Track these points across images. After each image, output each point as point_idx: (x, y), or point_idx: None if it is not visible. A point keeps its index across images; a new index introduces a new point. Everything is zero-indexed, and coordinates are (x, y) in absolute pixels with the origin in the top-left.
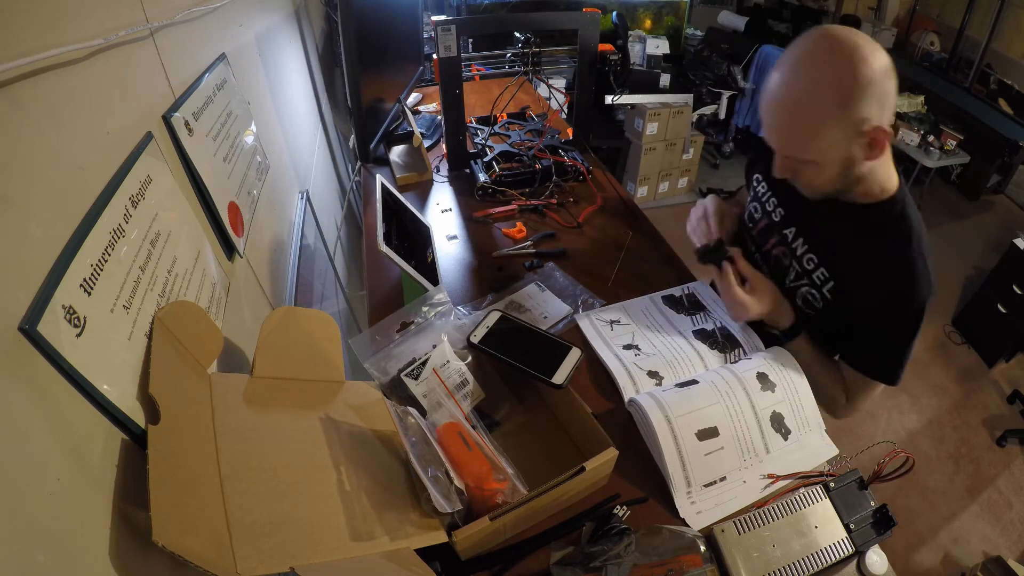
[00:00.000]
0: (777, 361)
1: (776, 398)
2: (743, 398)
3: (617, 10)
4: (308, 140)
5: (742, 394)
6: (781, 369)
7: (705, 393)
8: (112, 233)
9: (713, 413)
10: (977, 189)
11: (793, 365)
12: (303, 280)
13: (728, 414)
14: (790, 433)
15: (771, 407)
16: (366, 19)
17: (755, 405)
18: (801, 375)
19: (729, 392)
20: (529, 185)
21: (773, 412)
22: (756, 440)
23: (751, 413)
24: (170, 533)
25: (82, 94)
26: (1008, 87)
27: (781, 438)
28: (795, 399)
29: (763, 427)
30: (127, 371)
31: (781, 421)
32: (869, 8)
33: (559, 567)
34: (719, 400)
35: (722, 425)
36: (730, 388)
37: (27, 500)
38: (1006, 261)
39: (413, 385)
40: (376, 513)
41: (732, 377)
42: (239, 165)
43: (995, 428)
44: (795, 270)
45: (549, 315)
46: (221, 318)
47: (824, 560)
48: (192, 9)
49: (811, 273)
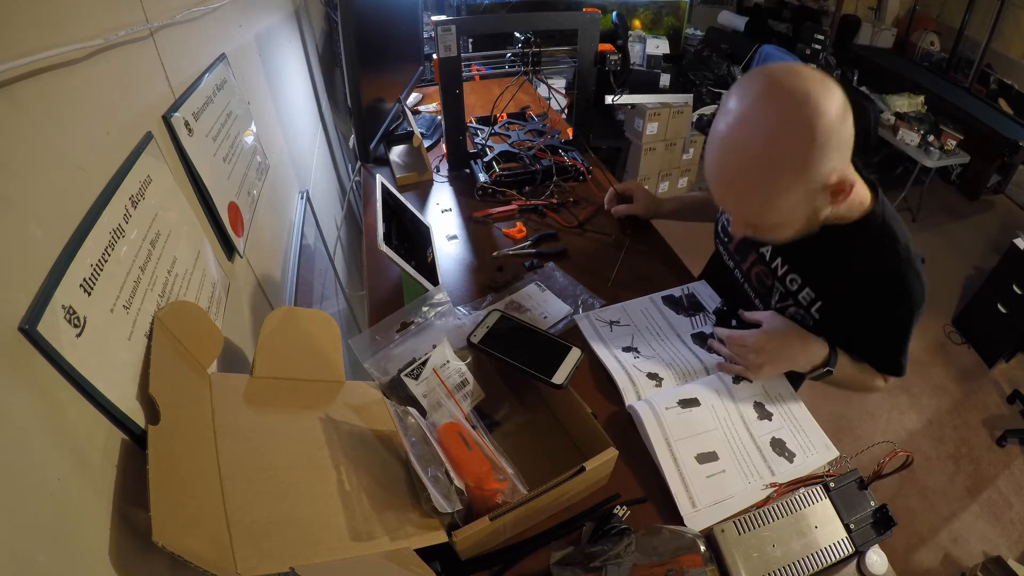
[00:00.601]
0: (774, 391)
1: (774, 426)
2: (740, 426)
3: (617, 10)
4: (308, 140)
5: (739, 422)
6: (778, 399)
7: (704, 419)
8: (112, 233)
9: (712, 439)
10: (977, 189)
11: (790, 393)
12: (303, 280)
13: (727, 440)
14: (795, 456)
15: (769, 434)
16: (366, 19)
17: (753, 434)
18: (798, 402)
19: (727, 419)
20: (529, 185)
21: (773, 438)
22: (759, 464)
23: (750, 440)
24: (170, 533)
25: (82, 94)
26: (1008, 87)
27: (785, 461)
28: (794, 425)
29: (764, 453)
30: (127, 371)
31: (783, 446)
32: (869, 8)
33: (559, 567)
34: (717, 427)
35: (721, 450)
36: (728, 415)
37: (27, 500)
38: (1006, 261)
39: (413, 385)
40: (376, 513)
41: (731, 403)
42: (239, 165)
43: (995, 428)
44: (779, 291)
45: (549, 315)
46: (221, 318)
47: (824, 560)
48: (192, 9)
49: (796, 294)
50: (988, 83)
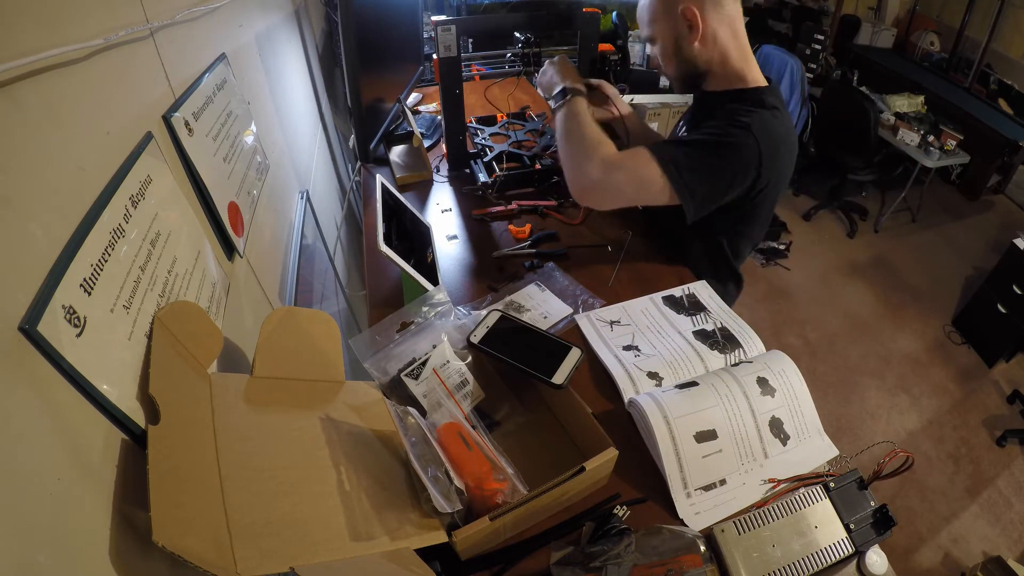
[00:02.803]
0: (777, 366)
1: (776, 403)
2: (743, 402)
3: (617, 10)
4: (308, 140)
5: (742, 398)
6: (781, 374)
7: (705, 395)
8: (112, 233)
9: (712, 415)
10: (977, 189)
11: (793, 370)
12: (303, 280)
13: (727, 417)
14: (789, 439)
15: (770, 412)
16: (366, 19)
17: (755, 410)
18: (801, 382)
19: (729, 395)
20: (529, 185)
21: (772, 417)
22: (755, 444)
23: (750, 417)
24: (170, 533)
25: (82, 94)
26: (1008, 87)
27: (780, 443)
28: (794, 405)
29: (762, 432)
30: (127, 371)
31: (780, 426)
32: (869, 8)
33: (559, 567)
34: (719, 403)
35: (721, 428)
36: (730, 391)
37: (27, 500)
38: (1006, 261)
39: (413, 385)
40: (376, 513)
41: (732, 380)
42: (239, 165)
43: (995, 428)
44: None
45: (549, 315)
46: (221, 318)
47: (824, 560)
48: (192, 9)
49: None
50: (988, 83)
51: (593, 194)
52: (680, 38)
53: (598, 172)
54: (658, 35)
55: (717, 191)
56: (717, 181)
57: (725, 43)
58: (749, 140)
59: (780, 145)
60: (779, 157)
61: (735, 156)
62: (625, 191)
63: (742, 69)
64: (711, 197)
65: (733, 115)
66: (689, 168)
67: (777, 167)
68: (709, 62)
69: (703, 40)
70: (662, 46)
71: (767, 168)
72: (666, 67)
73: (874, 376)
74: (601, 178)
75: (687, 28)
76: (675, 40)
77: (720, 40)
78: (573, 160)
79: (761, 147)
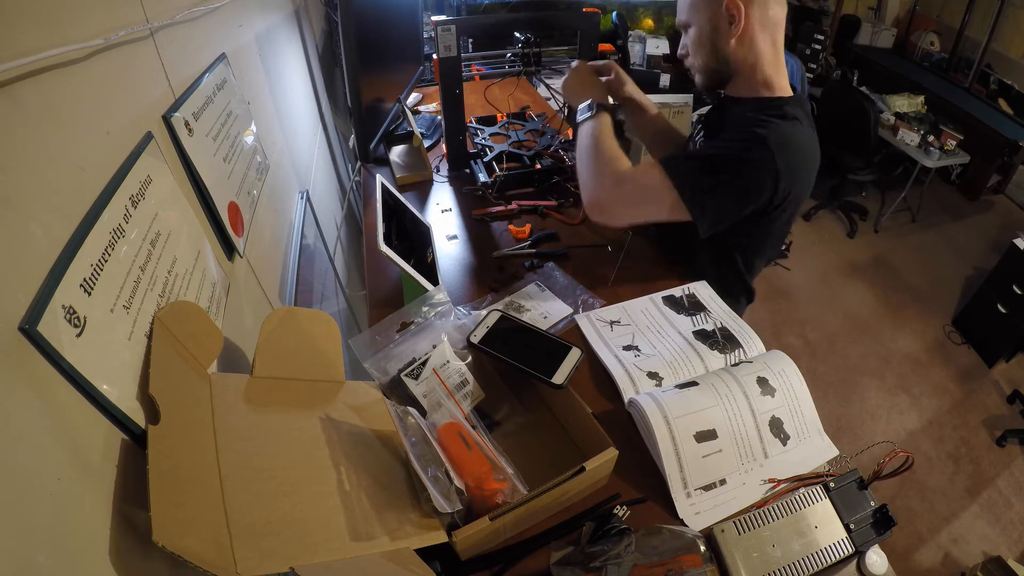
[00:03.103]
0: (777, 366)
1: (776, 403)
2: (743, 402)
3: (617, 10)
4: (308, 140)
5: (742, 398)
6: (781, 374)
7: (705, 395)
8: (112, 233)
9: (712, 415)
10: (977, 189)
11: (793, 370)
12: (303, 280)
13: (727, 417)
14: (789, 439)
15: (770, 412)
16: (366, 19)
17: (755, 410)
18: (801, 382)
19: (729, 395)
20: (529, 185)
21: (772, 417)
22: (755, 444)
23: (750, 417)
24: (170, 533)
25: (82, 94)
26: (1008, 87)
27: (780, 443)
28: (794, 404)
29: (762, 432)
30: (127, 371)
31: (780, 426)
32: (869, 8)
33: (559, 567)
34: (719, 403)
35: (721, 428)
36: (730, 391)
37: (27, 500)
38: (1006, 261)
39: (413, 385)
40: (376, 513)
41: (732, 380)
42: (239, 165)
43: (995, 428)
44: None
45: (549, 315)
46: (221, 318)
47: (824, 560)
48: (192, 9)
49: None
50: (988, 83)
51: (605, 210)
52: (717, 31)
53: (610, 186)
54: (695, 23)
55: (731, 208)
56: (731, 198)
57: (761, 49)
58: (765, 154)
59: (799, 158)
60: (797, 171)
61: (750, 172)
62: (638, 208)
63: (770, 77)
64: (725, 214)
65: (750, 126)
66: (702, 186)
67: (796, 182)
68: (741, 63)
69: (740, 39)
70: (696, 34)
71: (784, 183)
72: (694, 56)
73: (874, 376)
74: (613, 194)
75: (727, 22)
76: (712, 31)
77: (757, 44)
78: (588, 175)
79: (778, 161)
